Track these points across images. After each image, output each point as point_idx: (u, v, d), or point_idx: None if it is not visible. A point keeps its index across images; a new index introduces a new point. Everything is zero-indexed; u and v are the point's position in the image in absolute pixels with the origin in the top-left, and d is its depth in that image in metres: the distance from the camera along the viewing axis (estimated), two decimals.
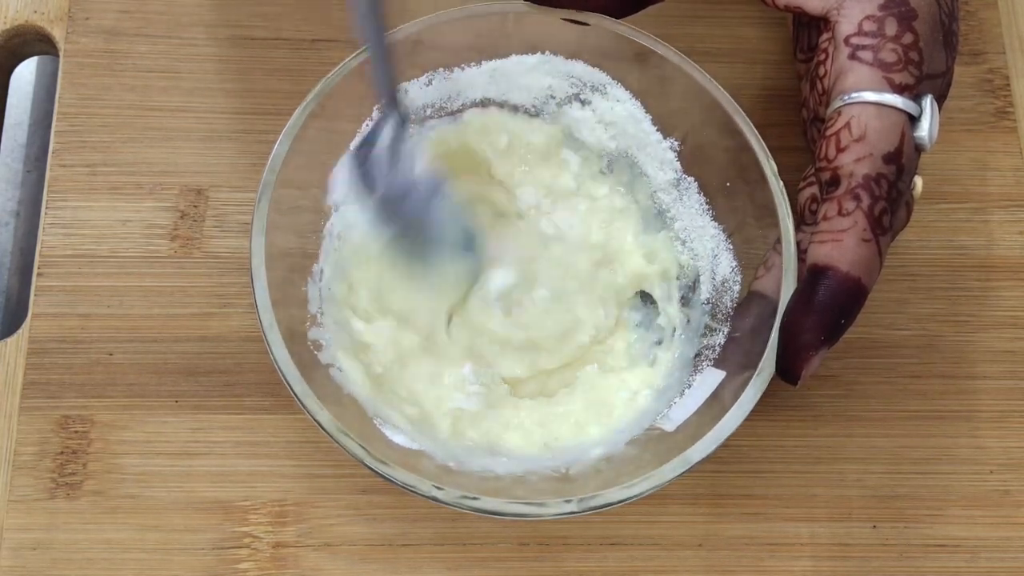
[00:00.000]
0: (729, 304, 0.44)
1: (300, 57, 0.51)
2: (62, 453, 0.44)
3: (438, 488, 0.38)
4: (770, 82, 0.52)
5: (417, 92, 0.46)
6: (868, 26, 0.42)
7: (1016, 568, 0.45)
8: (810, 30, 0.46)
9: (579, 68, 0.46)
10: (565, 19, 0.45)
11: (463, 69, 0.46)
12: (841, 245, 0.41)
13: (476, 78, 0.46)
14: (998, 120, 0.52)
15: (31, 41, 0.52)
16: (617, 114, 0.47)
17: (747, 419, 0.46)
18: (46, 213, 0.48)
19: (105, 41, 0.51)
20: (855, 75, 0.42)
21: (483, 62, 0.46)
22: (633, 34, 0.45)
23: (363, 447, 0.38)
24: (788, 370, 0.41)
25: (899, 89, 0.41)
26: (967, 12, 0.54)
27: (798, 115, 0.47)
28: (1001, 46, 0.53)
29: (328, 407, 0.39)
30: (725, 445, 0.45)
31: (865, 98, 0.41)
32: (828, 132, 0.42)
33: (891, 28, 0.42)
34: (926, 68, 0.42)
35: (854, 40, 0.42)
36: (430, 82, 0.46)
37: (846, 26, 0.42)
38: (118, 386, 0.45)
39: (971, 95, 0.52)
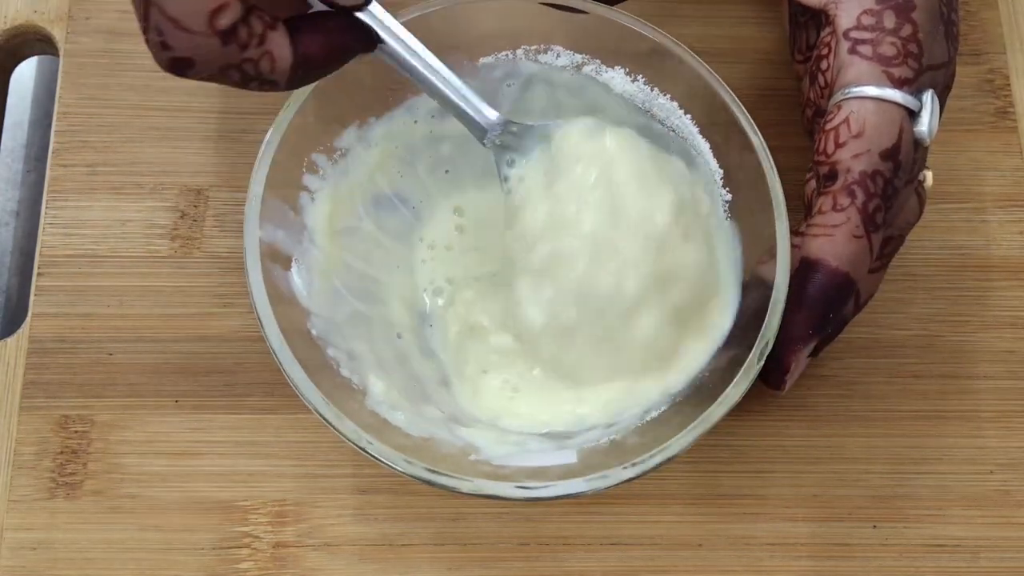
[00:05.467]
0: None
1: None
2: (62, 453, 0.44)
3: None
4: (770, 82, 0.52)
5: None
6: (867, 20, 0.42)
7: (1016, 568, 0.45)
8: (807, 30, 0.47)
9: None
10: (544, 3, 0.45)
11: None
12: (833, 240, 0.41)
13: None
14: (998, 120, 0.52)
15: (31, 41, 0.52)
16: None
17: (747, 419, 0.46)
18: (46, 213, 0.48)
19: (105, 41, 0.51)
20: (855, 69, 0.42)
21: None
22: (642, 28, 0.45)
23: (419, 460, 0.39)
24: (776, 360, 0.41)
25: (899, 83, 0.41)
26: (968, 12, 0.54)
27: (798, 115, 0.47)
28: (1001, 46, 0.54)
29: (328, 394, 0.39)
30: (726, 445, 0.46)
31: (865, 93, 0.41)
32: (827, 126, 0.42)
33: (889, 21, 0.42)
34: (926, 60, 0.42)
35: (853, 34, 0.42)
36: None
37: (845, 20, 0.43)
38: (118, 386, 0.45)
39: (971, 95, 0.52)
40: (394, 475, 0.43)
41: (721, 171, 0.45)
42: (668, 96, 0.46)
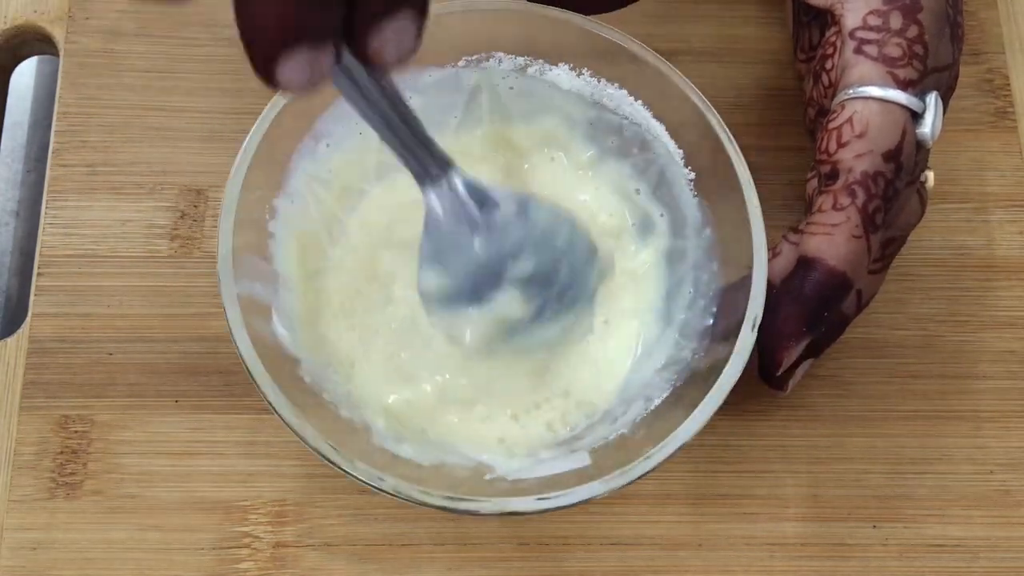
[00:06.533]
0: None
1: None
2: (62, 453, 0.44)
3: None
4: (770, 82, 0.52)
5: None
6: (873, 20, 0.42)
7: (1016, 568, 0.45)
8: (811, 29, 0.47)
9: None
10: None
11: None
12: (832, 239, 0.41)
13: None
14: (998, 120, 0.52)
15: (31, 41, 0.52)
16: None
17: (747, 419, 0.46)
18: (46, 213, 0.48)
19: (105, 41, 0.51)
20: (860, 69, 0.42)
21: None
22: (608, 32, 0.45)
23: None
24: (769, 357, 0.41)
25: (903, 85, 0.41)
26: (967, 12, 0.54)
27: (798, 115, 0.47)
28: (1001, 46, 0.54)
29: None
30: (726, 445, 0.46)
31: (869, 93, 0.41)
32: (830, 126, 0.42)
33: (896, 22, 0.42)
34: (931, 62, 0.42)
35: (859, 34, 0.42)
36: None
37: (851, 19, 0.43)
38: (118, 386, 0.45)
39: (971, 95, 0.52)
40: None
41: (681, 151, 0.45)
42: (616, 85, 0.46)
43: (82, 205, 0.48)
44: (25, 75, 0.61)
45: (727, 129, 0.43)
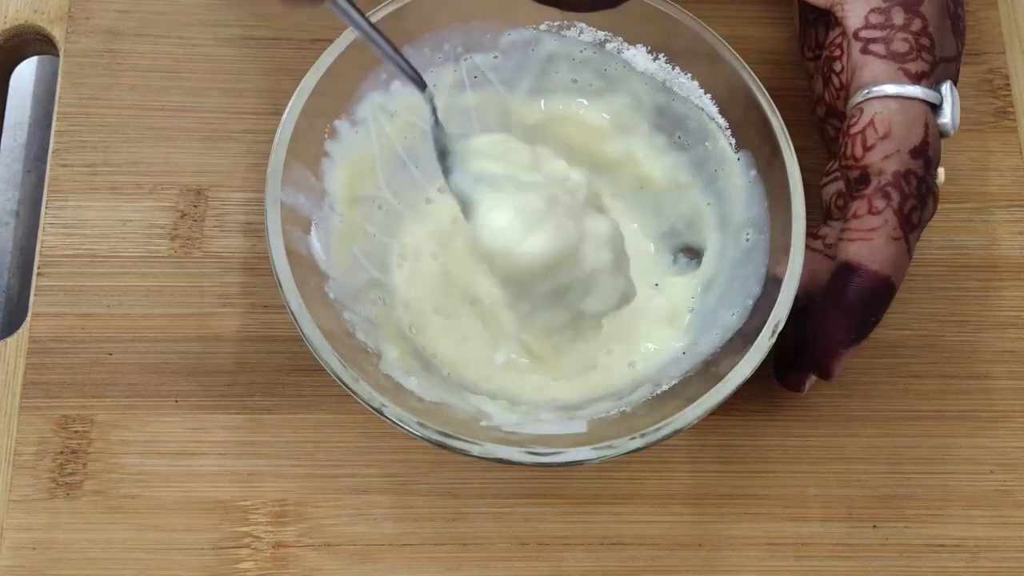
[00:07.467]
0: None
1: (300, 57, 0.51)
2: (62, 453, 0.44)
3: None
4: (772, 82, 0.52)
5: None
6: (875, 18, 0.42)
7: (1016, 568, 0.45)
8: (817, 27, 0.47)
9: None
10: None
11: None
12: (871, 244, 0.41)
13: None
14: (998, 120, 0.52)
15: (31, 41, 0.52)
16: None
17: (747, 419, 0.46)
18: (46, 213, 0.48)
19: (105, 41, 0.51)
20: (871, 69, 0.42)
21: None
22: (666, 7, 0.45)
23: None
24: (821, 366, 0.41)
25: (916, 78, 0.41)
26: (967, 12, 0.54)
27: (801, 115, 0.47)
28: (1001, 46, 0.54)
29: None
30: (726, 445, 0.46)
31: (885, 91, 0.41)
32: (852, 130, 0.42)
33: (898, 17, 0.42)
34: (938, 52, 0.42)
35: (863, 34, 0.42)
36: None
37: (853, 20, 0.43)
38: (118, 386, 0.45)
39: (971, 95, 0.52)
40: (393, 475, 0.43)
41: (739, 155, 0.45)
42: (689, 75, 0.46)
43: (82, 205, 0.48)
44: (25, 75, 0.61)
45: (789, 139, 0.43)
